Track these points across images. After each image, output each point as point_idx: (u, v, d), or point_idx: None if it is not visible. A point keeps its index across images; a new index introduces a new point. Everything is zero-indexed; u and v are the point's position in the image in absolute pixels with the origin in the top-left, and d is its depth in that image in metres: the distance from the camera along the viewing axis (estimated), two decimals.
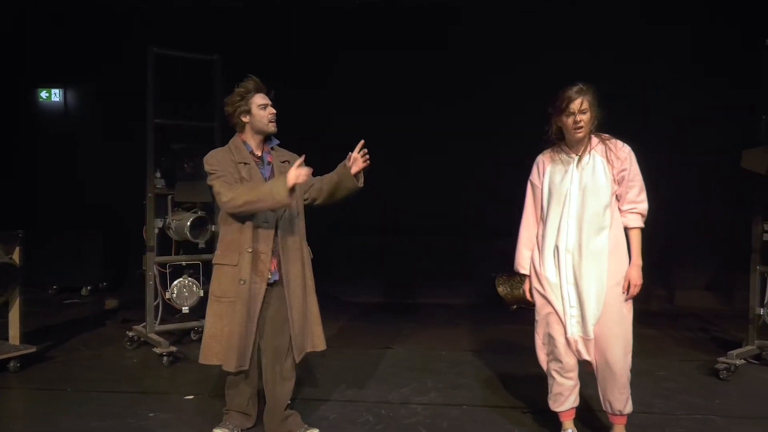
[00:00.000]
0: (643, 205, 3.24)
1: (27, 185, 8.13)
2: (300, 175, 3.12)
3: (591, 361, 3.24)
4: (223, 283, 3.28)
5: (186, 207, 5.25)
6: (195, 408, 3.94)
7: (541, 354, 3.38)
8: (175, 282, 5.21)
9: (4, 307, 4.76)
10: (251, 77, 3.33)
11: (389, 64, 7.42)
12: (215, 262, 3.34)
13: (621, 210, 3.24)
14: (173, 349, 4.89)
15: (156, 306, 5.15)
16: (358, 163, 3.33)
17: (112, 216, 7.80)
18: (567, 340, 3.24)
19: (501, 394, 4.25)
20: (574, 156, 3.25)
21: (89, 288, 7.67)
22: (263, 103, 3.30)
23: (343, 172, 3.34)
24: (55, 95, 8.53)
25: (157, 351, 4.86)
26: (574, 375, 3.30)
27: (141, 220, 5.20)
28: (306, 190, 3.42)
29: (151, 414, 3.84)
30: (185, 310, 5.25)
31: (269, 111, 3.31)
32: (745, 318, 4.91)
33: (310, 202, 3.46)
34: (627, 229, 3.25)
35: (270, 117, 3.31)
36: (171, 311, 5.44)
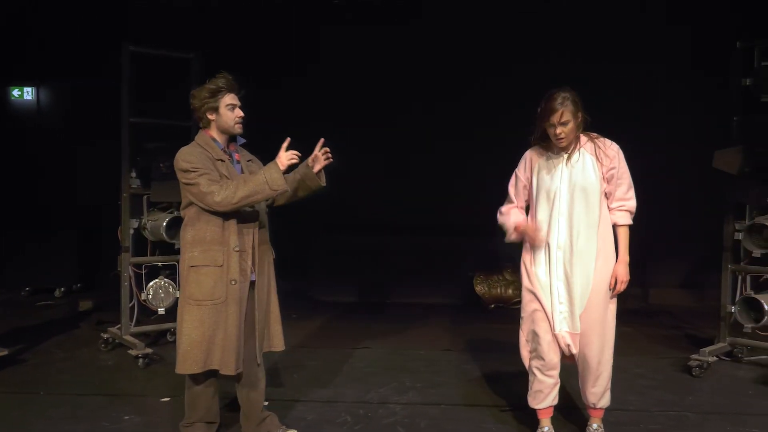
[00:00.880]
0: (632, 203, 3.28)
1: None
2: (291, 158, 3.09)
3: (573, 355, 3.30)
4: (206, 286, 3.13)
5: (162, 207, 5.20)
6: (171, 410, 3.89)
7: (524, 351, 3.42)
8: (151, 283, 5.15)
9: None
10: (224, 74, 3.24)
11: (369, 61, 7.41)
12: (193, 264, 3.14)
13: (610, 207, 3.27)
14: (149, 351, 4.84)
15: (131, 307, 5.10)
16: (320, 162, 3.30)
17: (86, 216, 7.69)
18: (554, 337, 3.27)
19: (479, 392, 4.28)
20: (563, 154, 3.25)
21: (63, 289, 7.55)
22: (232, 104, 3.21)
23: (306, 171, 3.30)
24: (28, 94, 8.38)
25: (133, 353, 4.80)
26: (555, 373, 3.34)
27: (116, 220, 5.13)
28: None
29: (127, 417, 3.80)
30: (161, 311, 5.19)
31: (237, 113, 3.22)
32: (717, 315, 4.99)
33: (270, 201, 3.38)
34: (615, 227, 3.29)
35: (237, 119, 3.22)
36: (147, 313, 5.38)
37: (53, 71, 8.08)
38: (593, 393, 3.33)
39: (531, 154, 3.37)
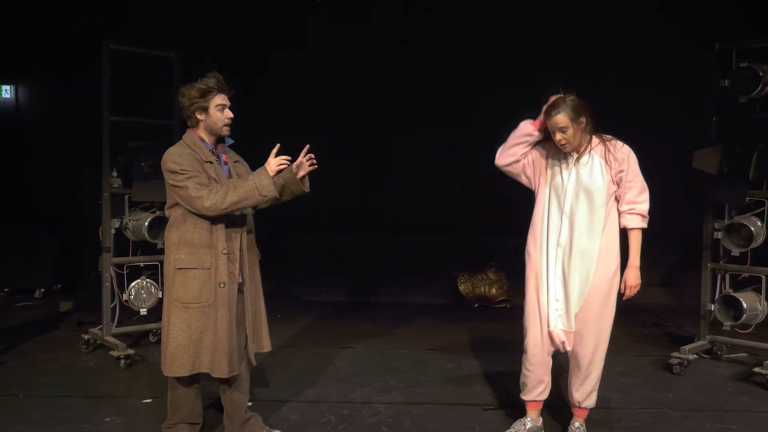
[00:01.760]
0: (643, 206, 3.26)
1: None
2: (280, 163, 3.08)
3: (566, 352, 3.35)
4: (193, 288, 3.10)
5: (144, 207, 5.15)
6: (153, 411, 3.86)
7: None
8: (133, 283, 5.11)
9: None
10: (215, 74, 3.19)
11: (353, 59, 7.40)
12: (180, 266, 3.11)
13: (620, 211, 3.27)
14: (131, 352, 4.80)
15: (113, 308, 5.05)
16: (304, 168, 3.30)
17: (66, 216, 7.60)
18: (543, 334, 3.31)
19: (462, 391, 4.29)
20: (574, 154, 3.26)
21: (43, 290, 7.45)
22: (222, 104, 3.18)
23: (290, 176, 3.28)
24: (6, 92, 8.26)
25: (114, 354, 4.76)
26: (539, 369, 3.39)
27: (96, 220, 5.08)
28: None
29: (108, 418, 3.76)
30: (143, 312, 5.14)
31: (227, 114, 3.20)
32: (697, 314, 5.06)
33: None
34: (627, 230, 3.29)
35: (226, 121, 3.20)
36: (128, 313, 5.34)
37: (32, 69, 7.98)
38: (580, 391, 3.36)
39: (547, 143, 3.33)
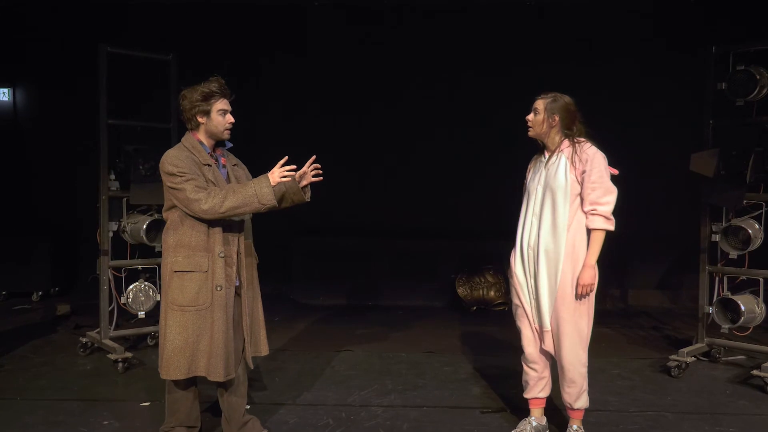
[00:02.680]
0: (605, 208, 3.26)
1: None
2: (284, 175, 3.09)
3: (551, 353, 3.42)
4: (190, 291, 3.11)
5: (141, 210, 5.15)
6: (151, 415, 3.86)
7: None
8: (131, 286, 5.09)
9: None
10: (217, 78, 3.20)
11: (353, 63, 7.42)
12: (177, 269, 3.12)
13: (584, 211, 3.31)
14: (128, 355, 4.79)
15: (111, 311, 5.04)
16: (307, 178, 3.31)
17: (63, 219, 7.60)
18: (533, 331, 3.44)
19: (460, 394, 4.29)
20: (546, 155, 3.40)
21: (40, 293, 7.43)
22: (224, 109, 3.19)
23: (292, 185, 3.28)
24: (3, 95, 8.26)
25: (112, 357, 4.75)
26: (537, 366, 3.48)
27: (94, 223, 5.07)
28: None
29: (105, 422, 3.75)
30: (141, 315, 5.13)
31: (228, 119, 3.20)
32: (695, 316, 5.06)
33: None
34: (589, 231, 3.31)
35: (228, 125, 3.21)
36: (126, 316, 5.33)
37: (30, 72, 7.97)
38: (567, 393, 3.40)
39: (532, 160, 3.54)
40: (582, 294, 3.25)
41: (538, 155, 3.48)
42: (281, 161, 3.14)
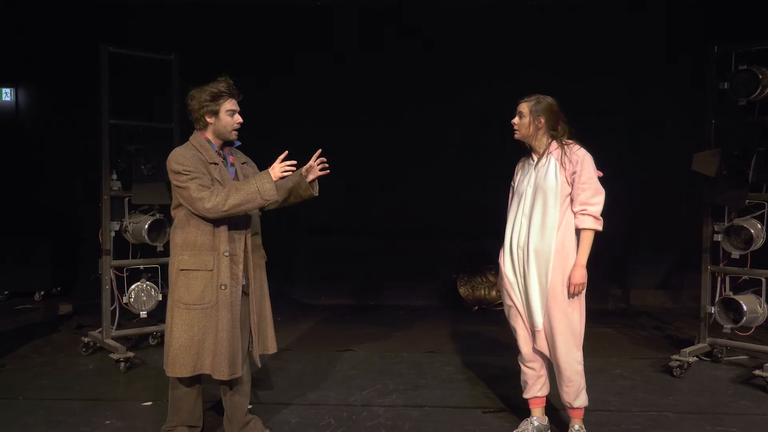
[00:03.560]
0: (595, 208, 3.30)
1: None
2: (285, 170, 3.09)
3: (544, 353, 3.44)
4: (195, 290, 3.12)
5: (143, 209, 5.15)
6: (153, 414, 3.86)
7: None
8: (133, 286, 5.10)
9: None
10: (226, 78, 3.20)
11: (357, 64, 7.42)
12: (183, 267, 3.13)
13: (574, 212, 3.33)
14: (131, 355, 4.79)
15: (113, 311, 5.04)
16: (314, 172, 3.32)
17: (65, 218, 7.60)
18: (528, 331, 3.45)
19: (461, 394, 4.29)
20: (535, 158, 3.43)
21: (42, 293, 7.44)
22: (232, 110, 3.20)
23: (299, 180, 3.30)
24: (6, 95, 8.27)
25: (114, 357, 4.75)
26: (535, 365, 3.50)
27: (96, 222, 5.08)
28: None
29: (108, 422, 3.76)
30: (143, 314, 5.14)
31: (236, 119, 3.22)
32: (697, 316, 5.06)
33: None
34: (579, 231, 3.33)
35: (236, 126, 3.22)
36: (128, 316, 5.33)
37: (32, 72, 7.98)
38: (566, 392, 3.41)
39: (518, 163, 3.58)
40: (573, 293, 3.29)
41: (525, 158, 3.52)
42: (281, 156, 3.15)
